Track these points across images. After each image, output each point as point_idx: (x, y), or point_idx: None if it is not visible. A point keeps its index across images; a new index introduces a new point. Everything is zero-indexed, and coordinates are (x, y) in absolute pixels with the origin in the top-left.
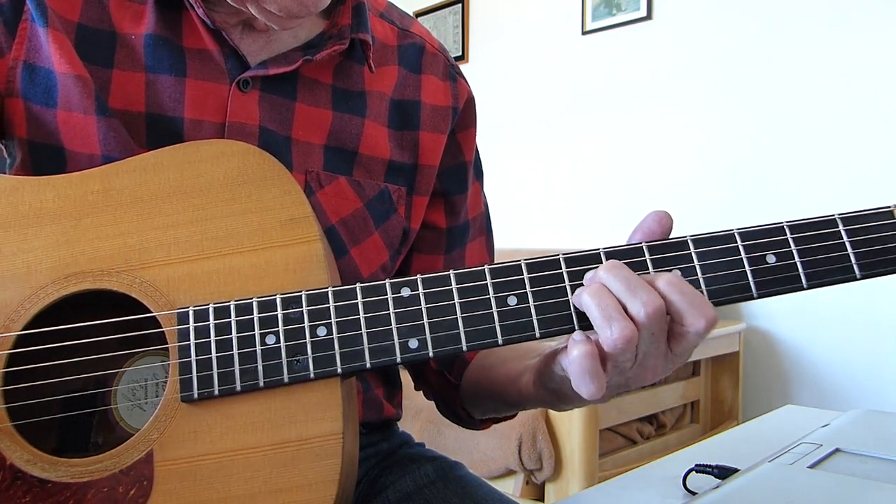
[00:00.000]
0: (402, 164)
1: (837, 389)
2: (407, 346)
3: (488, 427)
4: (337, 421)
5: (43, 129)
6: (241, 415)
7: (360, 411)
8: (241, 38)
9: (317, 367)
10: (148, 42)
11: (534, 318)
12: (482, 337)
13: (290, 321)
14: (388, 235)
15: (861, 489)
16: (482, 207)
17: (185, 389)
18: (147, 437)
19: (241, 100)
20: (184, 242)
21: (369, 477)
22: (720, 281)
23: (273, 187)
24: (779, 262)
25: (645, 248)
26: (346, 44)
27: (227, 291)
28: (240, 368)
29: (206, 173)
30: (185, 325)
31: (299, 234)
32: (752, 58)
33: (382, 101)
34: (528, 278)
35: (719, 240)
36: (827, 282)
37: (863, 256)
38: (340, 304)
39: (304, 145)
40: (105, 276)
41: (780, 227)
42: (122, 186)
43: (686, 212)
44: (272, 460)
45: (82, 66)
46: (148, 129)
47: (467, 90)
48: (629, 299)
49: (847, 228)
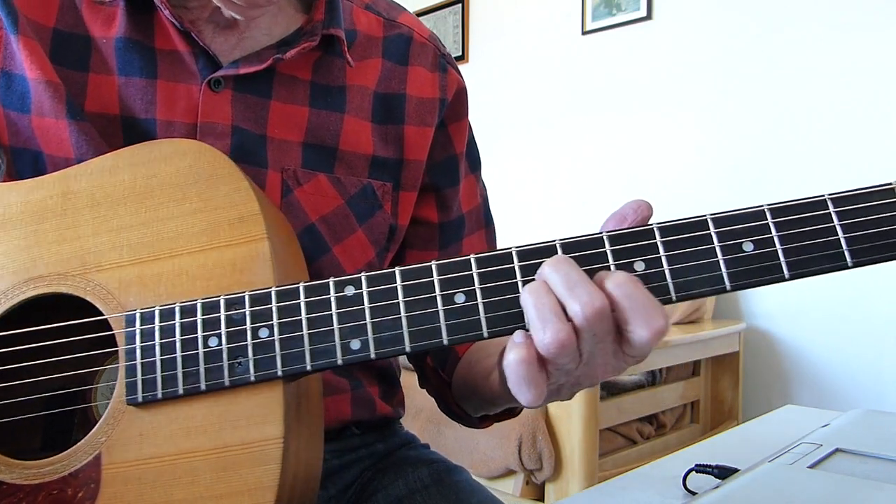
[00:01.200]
0: (387, 159)
1: (837, 389)
2: (349, 347)
3: (488, 425)
4: (277, 425)
5: (21, 135)
6: (186, 418)
7: (348, 409)
8: (214, 37)
9: (257, 370)
10: (119, 45)
11: (482, 317)
12: (426, 337)
13: (232, 323)
14: (373, 232)
15: (861, 489)
16: (479, 200)
17: (129, 393)
18: (95, 441)
19: (212, 100)
20: (136, 244)
21: (362, 479)
22: (689, 273)
23: (223, 185)
24: (757, 249)
25: (606, 238)
26: (317, 41)
27: (175, 293)
28: (182, 371)
29: (159, 173)
30: (132, 327)
31: (247, 233)
32: (752, 58)
33: (365, 95)
34: (478, 274)
35: (689, 227)
36: (813, 270)
37: (856, 241)
38: (283, 305)
39: (280, 143)
40: (62, 280)
41: (760, 210)
42: (80, 190)
43: (686, 211)
44: (214, 464)
45: (53, 72)
46: (124, 131)
47: (458, 80)
48: (568, 299)
49: (838, 210)
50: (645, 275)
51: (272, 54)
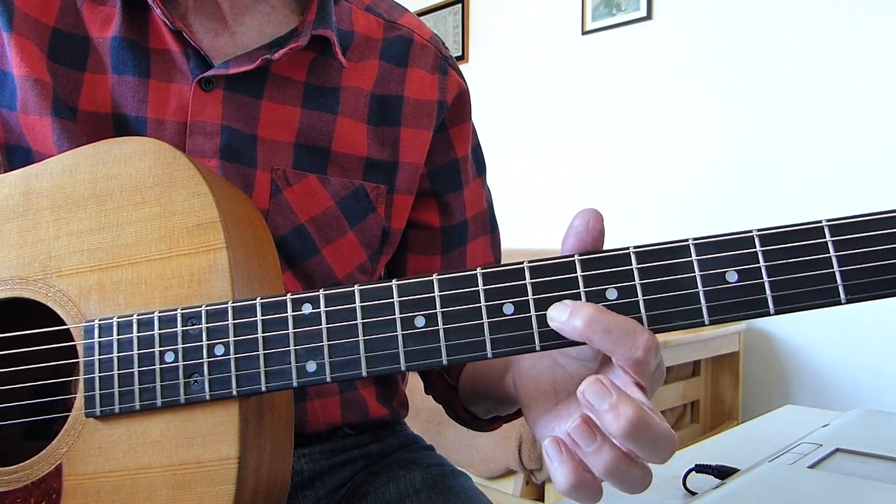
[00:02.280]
0: (381, 161)
1: (837, 389)
2: (304, 370)
3: (499, 426)
4: (233, 445)
5: (13, 132)
6: (145, 433)
7: (337, 413)
8: (205, 36)
9: (213, 389)
10: (114, 45)
11: (442, 344)
12: (384, 363)
13: (189, 338)
14: (365, 235)
15: (861, 489)
16: (484, 205)
17: (88, 406)
18: (56, 451)
19: (202, 99)
20: (96, 249)
21: (355, 481)
22: (664, 305)
23: (182, 189)
24: (741, 280)
25: (577, 262)
26: (306, 41)
27: (134, 303)
28: (139, 387)
29: (118, 175)
30: (90, 339)
31: (206, 242)
32: (752, 58)
33: (360, 96)
34: (440, 297)
35: (669, 253)
36: (801, 306)
37: (853, 275)
38: (239, 322)
39: (270, 143)
40: (24, 284)
41: (749, 237)
42: (41, 190)
43: (686, 211)
44: (171, 481)
45: (43, 70)
46: (115, 130)
47: (459, 83)
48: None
49: (836, 239)
50: (617, 304)
51: (263, 54)
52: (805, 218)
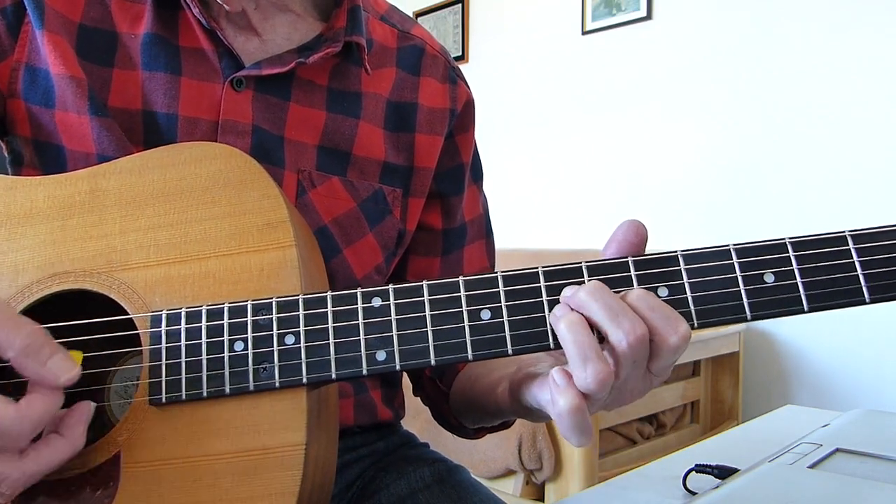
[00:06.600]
0: (398, 165)
1: (837, 389)
2: (374, 358)
3: (482, 436)
4: (300, 431)
5: (44, 129)
6: (208, 420)
7: (350, 415)
8: (236, 38)
9: (282, 376)
10: (145, 41)
11: (507, 334)
12: (452, 351)
13: (259, 328)
14: (383, 237)
15: (861, 489)
16: (481, 210)
17: (153, 393)
18: (115, 439)
19: (234, 98)
20: (163, 245)
21: (364, 478)
22: (711, 301)
23: (252, 191)
24: (777, 281)
25: (631, 262)
26: (340, 46)
27: (201, 295)
28: (207, 374)
29: (188, 176)
30: (157, 328)
31: (275, 239)
32: (752, 58)
33: (379, 102)
34: (504, 291)
35: (712, 255)
36: (832, 305)
37: (874, 278)
38: (310, 313)
39: (296, 145)
40: (87, 277)
41: (782, 243)
42: (108, 188)
43: (686, 212)
44: (235, 468)
45: (77, 67)
46: (144, 126)
47: (466, 93)
48: (610, 327)
49: (858, 247)
50: (668, 300)
51: (294, 58)
52: (805, 217)
